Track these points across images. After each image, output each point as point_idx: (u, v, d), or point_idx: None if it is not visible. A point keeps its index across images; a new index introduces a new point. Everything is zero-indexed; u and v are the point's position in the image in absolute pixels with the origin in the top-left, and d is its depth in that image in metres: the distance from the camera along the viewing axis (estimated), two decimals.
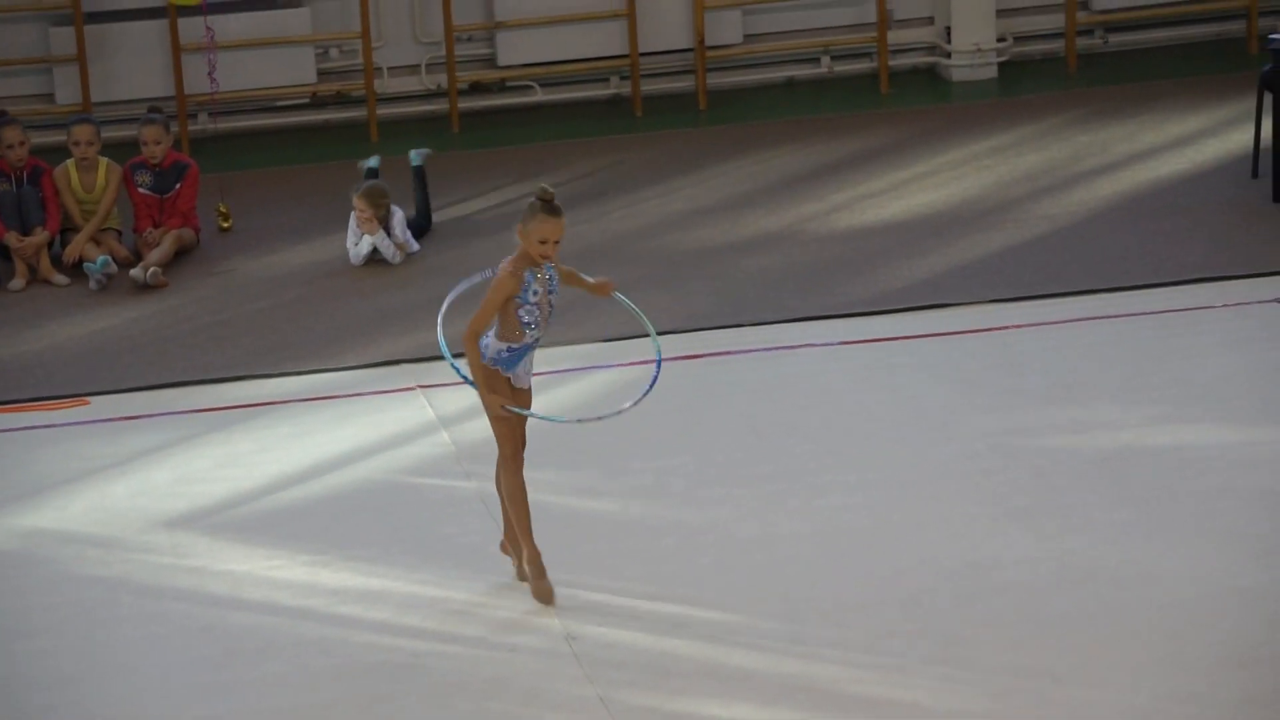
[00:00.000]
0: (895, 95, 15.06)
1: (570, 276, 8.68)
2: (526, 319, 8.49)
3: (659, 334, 11.36)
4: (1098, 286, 11.61)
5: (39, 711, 8.15)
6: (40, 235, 12.61)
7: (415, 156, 13.05)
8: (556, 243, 8.44)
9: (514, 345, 8.56)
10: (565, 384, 10.92)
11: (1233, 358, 10.67)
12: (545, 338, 8.64)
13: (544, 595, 8.61)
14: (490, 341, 8.56)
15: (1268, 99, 12.75)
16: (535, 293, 8.49)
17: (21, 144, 12.78)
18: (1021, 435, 9.95)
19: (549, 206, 8.43)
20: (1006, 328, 11.20)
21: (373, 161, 13.11)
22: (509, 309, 8.50)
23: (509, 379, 8.60)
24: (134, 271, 12.42)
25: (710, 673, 8.19)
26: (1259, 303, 11.29)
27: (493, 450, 10.20)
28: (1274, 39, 12.55)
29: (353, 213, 12.57)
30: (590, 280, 8.72)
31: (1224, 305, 11.30)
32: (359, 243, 12.54)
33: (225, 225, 13.21)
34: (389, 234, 12.53)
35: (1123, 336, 11.01)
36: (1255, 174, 12.92)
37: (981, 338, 11.13)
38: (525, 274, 8.48)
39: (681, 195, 13.42)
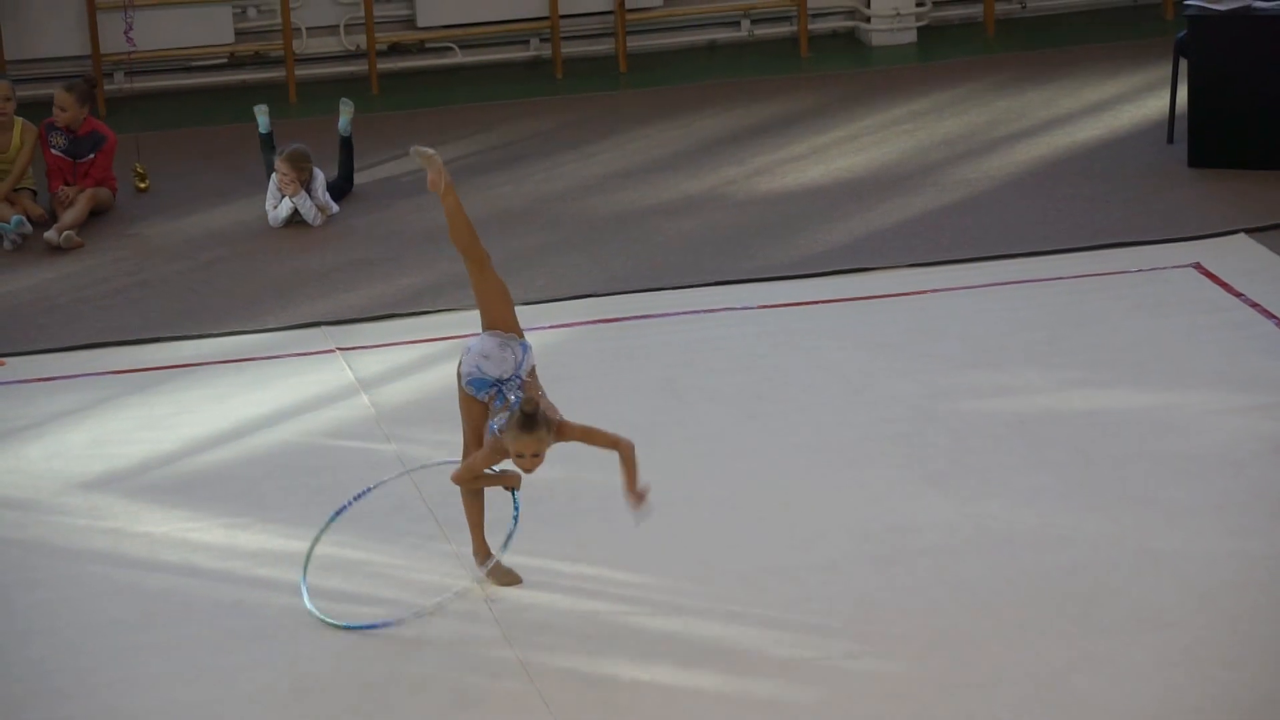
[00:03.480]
0: (815, 59, 15.08)
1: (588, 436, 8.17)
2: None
3: (580, 297, 11.37)
4: (1015, 251, 11.66)
5: None
6: None
7: (344, 127, 12.98)
8: (535, 455, 7.98)
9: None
10: None
11: (1148, 322, 10.75)
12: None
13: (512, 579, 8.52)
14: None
15: (1183, 65, 12.83)
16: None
17: None
18: (939, 400, 10.00)
19: (525, 420, 7.94)
20: (924, 292, 11.25)
21: (262, 123, 12.97)
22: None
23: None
24: (48, 234, 12.32)
25: (630, 635, 8.21)
26: (1174, 267, 11.38)
27: (412, 411, 10.20)
28: (1190, 5, 12.62)
29: (273, 175, 12.51)
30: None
31: (1139, 270, 11.38)
32: (279, 205, 12.48)
33: (142, 186, 13.11)
34: (310, 196, 12.47)
35: (1039, 301, 11.07)
36: (1171, 139, 13.01)
37: (900, 302, 11.17)
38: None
39: (601, 159, 13.41)
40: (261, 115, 12.95)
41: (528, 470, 8.11)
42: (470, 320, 11.18)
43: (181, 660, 8.17)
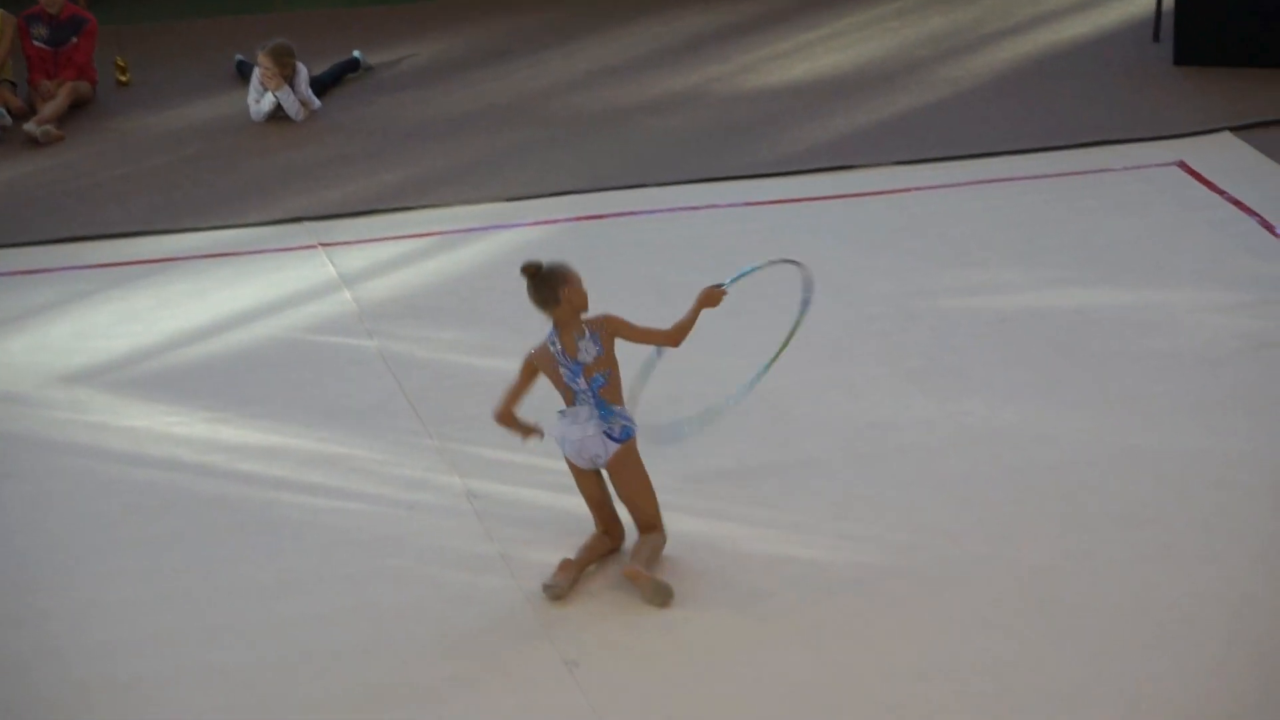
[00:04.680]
0: None
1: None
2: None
3: (565, 194, 11.34)
4: (999, 149, 11.64)
5: None
6: None
7: (360, 55, 12.99)
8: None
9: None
10: (468, 244, 10.88)
11: (1130, 221, 10.74)
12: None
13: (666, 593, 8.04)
14: (620, 409, 7.88)
15: None
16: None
17: None
18: (921, 297, 10.00)
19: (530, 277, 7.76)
20: (908, 190, 11.23)
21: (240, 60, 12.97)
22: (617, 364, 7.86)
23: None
24: (28, 126, 12.26)
25: None
26: (1157, 166, 11.36)
27: (395, 308, 10.19)
28: None
29: (256, 68, 12.44)
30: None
31: (1123, 168, 11.36)
32: (261, 99, 12.42)
33: (124, 79, 13.04)
34: (293, 90, 12.41)
35: (1023, 199, 11.06)
36: (1157, 37, 12.96)
37: (883, 200, 11.16)
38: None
39: (586, 55, 13.35)
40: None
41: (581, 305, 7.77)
42: (451, 216, 11.18)
43: (163, 554, 8.18)
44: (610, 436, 7.86)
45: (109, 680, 7.46)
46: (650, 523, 7.95)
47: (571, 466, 7.96)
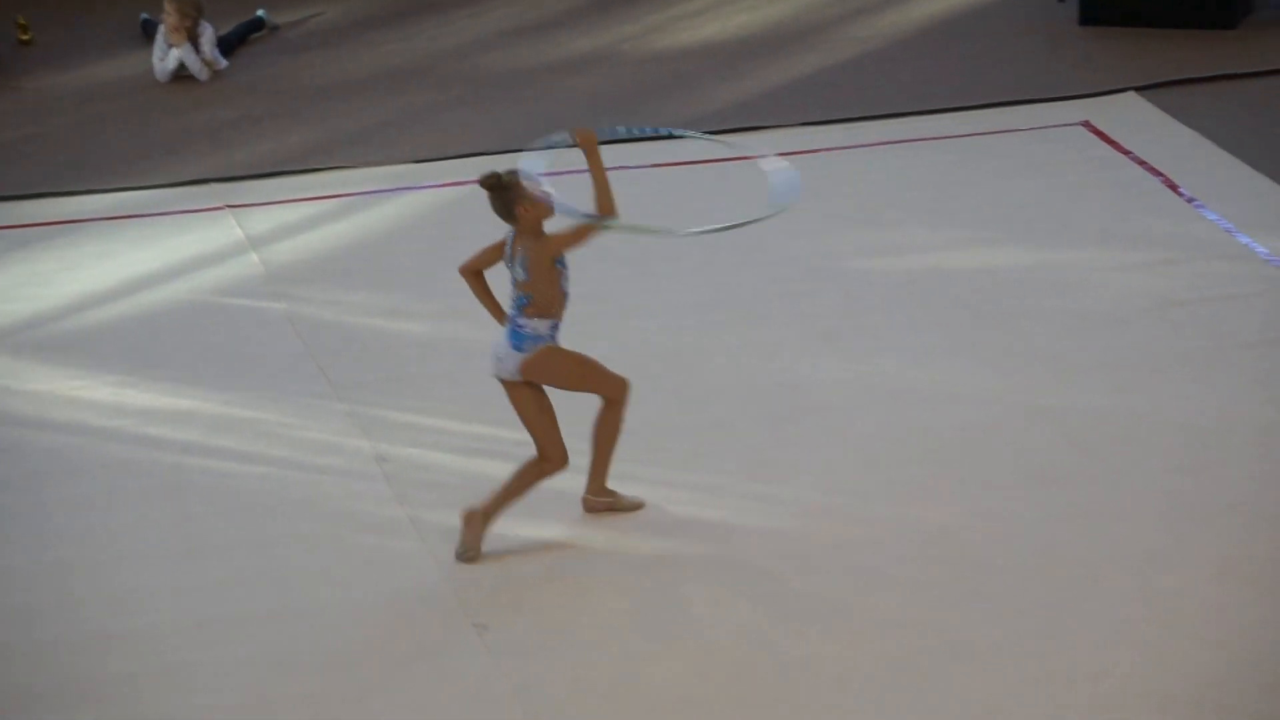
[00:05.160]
0: None
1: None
2: (566, 285, 7.82)
3: (472, 155, 11.28)
4: (907, 110, 11.67)
5: None
6: None
7: (264, 14, 12.88)
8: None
9: (556, 320, 7.80)
10: (376, 206, 10.83)
11: (1037, 181, 10.79)
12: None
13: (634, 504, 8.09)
14: (535, 325, 7.74)
15: None
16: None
17: None
18: (830, 258, 10.02)
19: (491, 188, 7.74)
20: (816, 151, 11.25)
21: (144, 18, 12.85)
22: (553, 277, 7.72)
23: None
24: None
25: None
26: (1063, 126, 11.41)
27: (304, 271, 10.12)
28: None
29: (160, 26, 12.33)
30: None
31: (1030, 128, 11.41)
32: (166, 56, 12.31)
33: (25, 38, 12.90)
34: (197, 50, 12.30)
35: (929, 160, 11.09)
36: None
37: (794, 160, 11.15)
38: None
39: (493, 16, 13.29)
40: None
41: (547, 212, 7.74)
42: (360, 178, 11.11)
43: (69, 519, 8.12)
44: (516, 347, 7.75)
45: (9, 647, 7.40)
46: (542, 452, 7.83)
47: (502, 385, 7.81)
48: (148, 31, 12.72)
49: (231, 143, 11.50)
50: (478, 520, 7.81)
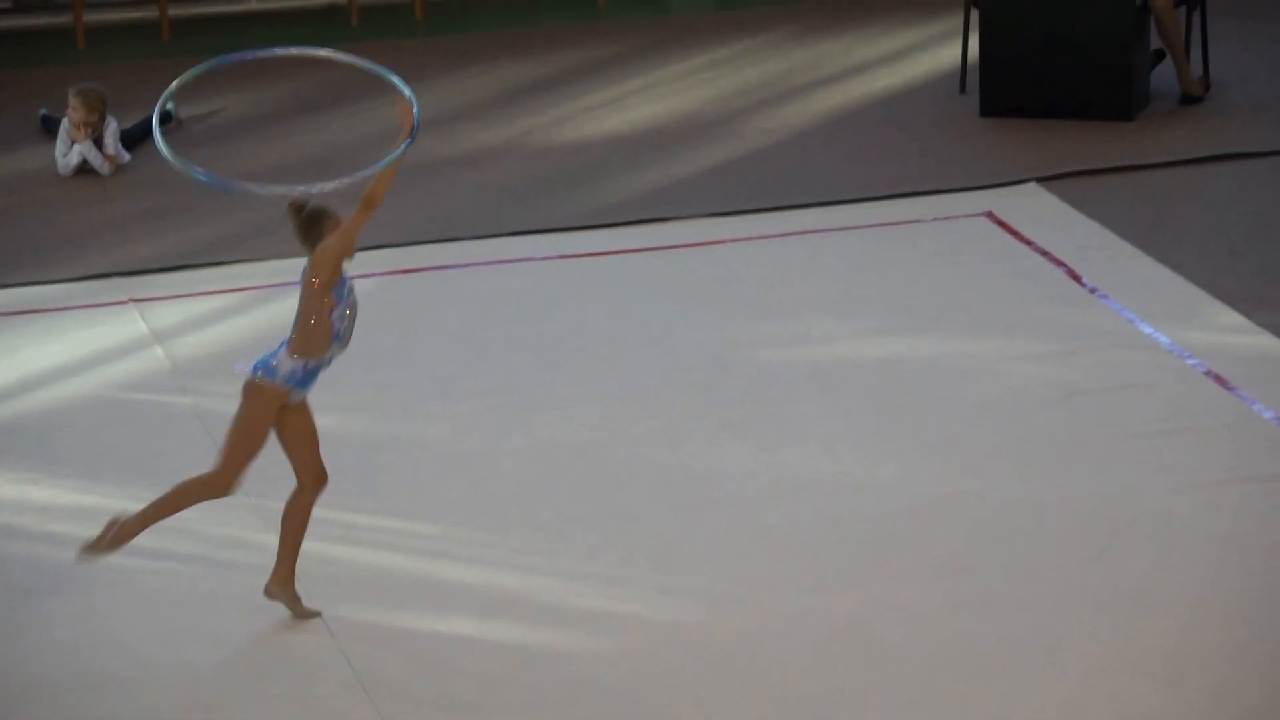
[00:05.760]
0: (614, 7, 15.05)
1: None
2: (339, 325, 7.65)
3: (377, 248, 11.28)
4: (812, 200, 11.74)
5: None
6: None
7: (172, 107, 12.87)
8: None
9: (311, 363, 7.64)
10: (281, 299, 10.80)
11: (943, 271, 10.87)
12: None
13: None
14: (282, 359, 7.61)
15: (974, 15, 12.98)
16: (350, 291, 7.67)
17: None
18: (738, 348, 10.06)
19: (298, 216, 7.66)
20: (723, 241, 11.30)
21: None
22: (324, 308, 7.58)
23: (287, 392, 7.67)
24: None
25: (430, 587, 8.19)
26: (967, 216, 11.52)
27: (209, 364, 10.07)
28: None
29: (63, 121, 12.28)
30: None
31: (933, 219, 11.51)
32: (69, 152, 12.26)
33: None
34: (100, 145, 12.26)
35: (836, 250, 11.16)
36: (963, 89, 13.15)
37: (699, 251, 11.21)
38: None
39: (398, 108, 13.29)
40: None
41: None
42: (266, 271, 11.08)
43: None
44: (254, 365, 7.64)
45: None
46: (212, 471, 7.67)
47: None
48: (48, 127, 12.66)
49: (136, 236, 11.45)
50: (124, 531, 7.67)
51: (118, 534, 7.72)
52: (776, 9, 14.92)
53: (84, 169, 12.30)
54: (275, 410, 7.70)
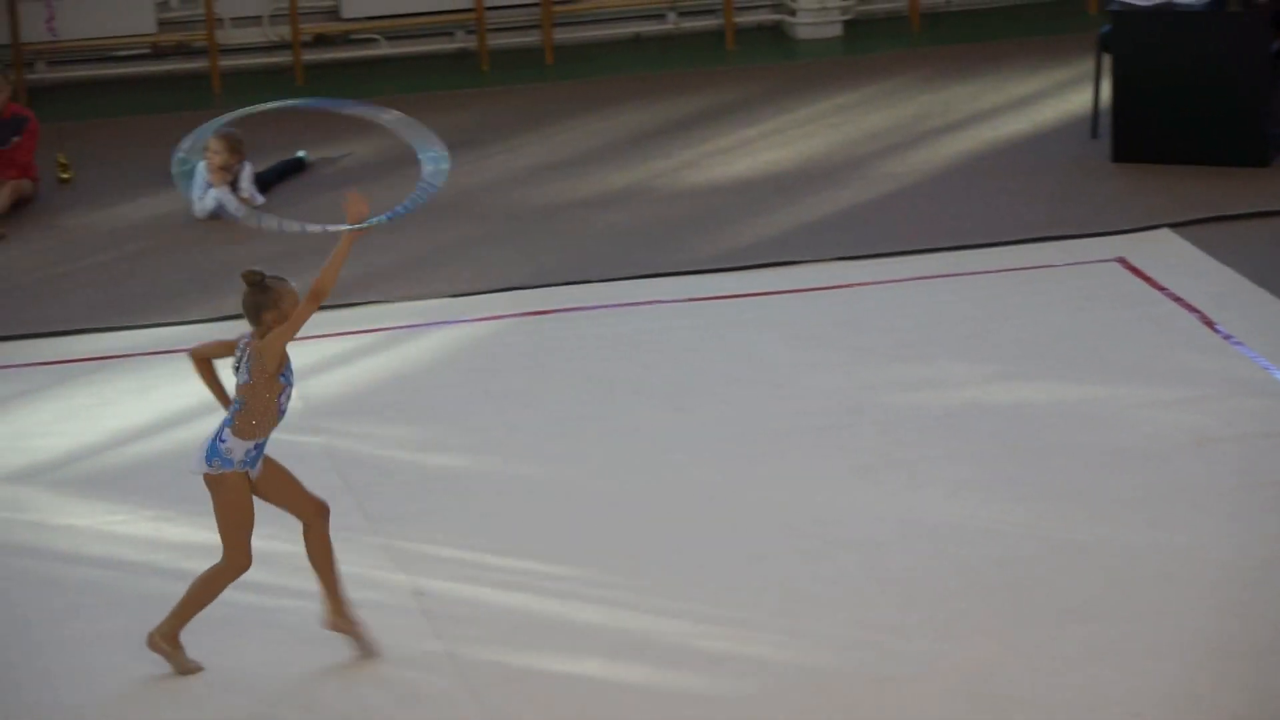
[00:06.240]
0: (741, 52, 15.10)
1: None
2: (284, 405, 7.85)
3: (507, 290, 11.34)
4: (941, 245, 11.71)
5: None
6: None
7: (305, 155, 13.06)
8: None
9: (261, 440, 7.84)
10: (413, 341, 10.87)
11: (1072, 316, 10.81)
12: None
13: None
14: (233, 444, 7.80)
15: (1106, 60, 12.92)
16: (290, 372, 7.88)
17: None
18: (865, 392, 10.03)
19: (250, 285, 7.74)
20: (851, 285, 11.28)
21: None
22: (273, 390, 7.76)
23: (246, 473, 7.84)
24: None
25: (558, 628, 8.21)
26: (1098, 261, 11.44)
27: (341, 405, 10.16)
28: (1113, 0, 12.71)
29: (200, 164, 12.43)
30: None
31: (1064, 264, 11.44)
32: (204, 196, 12.41)
33: (65, 177, 13.02)
34: (236, 189, 12.40)
35: (965, 295, 11.12)
36: (1095, 134, 13.08)
37: (826, 295, 11.20)
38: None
39: (528, 151, 13.39)
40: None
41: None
42: (398, 312, 11.17)
43: (106, 655, 8.11)
44: (205, 459, 7.79)
45: None
46: (224, 559, 7.83)
47: None
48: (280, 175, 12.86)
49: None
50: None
51: (161, 644, 7.86)
52: (903, 54, 14.91)
53: (217, 213, 12.44)
54: (244, 488, 7.87)
